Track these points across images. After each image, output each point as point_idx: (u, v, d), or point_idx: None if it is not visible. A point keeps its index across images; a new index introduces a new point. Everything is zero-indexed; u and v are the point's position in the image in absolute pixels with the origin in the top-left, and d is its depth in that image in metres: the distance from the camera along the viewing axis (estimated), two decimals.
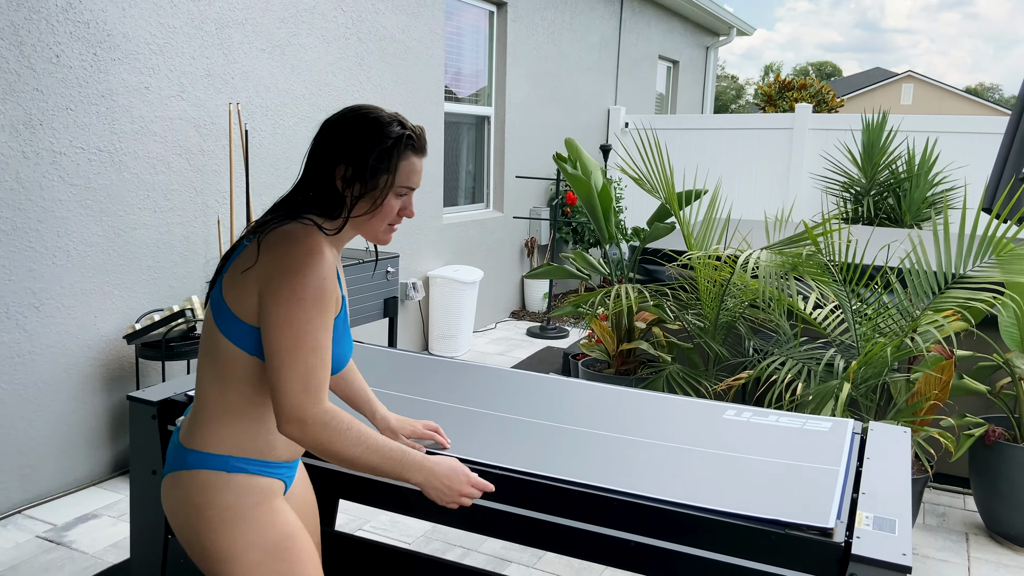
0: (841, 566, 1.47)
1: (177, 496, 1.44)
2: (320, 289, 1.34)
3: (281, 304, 1.33)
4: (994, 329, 3.46)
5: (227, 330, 1.41)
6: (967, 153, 6.85)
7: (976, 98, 33.34)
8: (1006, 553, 3.09)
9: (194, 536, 1.43)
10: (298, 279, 1.33)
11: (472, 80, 6.36)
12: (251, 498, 1.45)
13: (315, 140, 1.46)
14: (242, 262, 1.41)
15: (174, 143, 3.67)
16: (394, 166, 1.43)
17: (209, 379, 1.44)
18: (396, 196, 1.45)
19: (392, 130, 1.43)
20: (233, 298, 1.40)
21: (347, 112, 1.45)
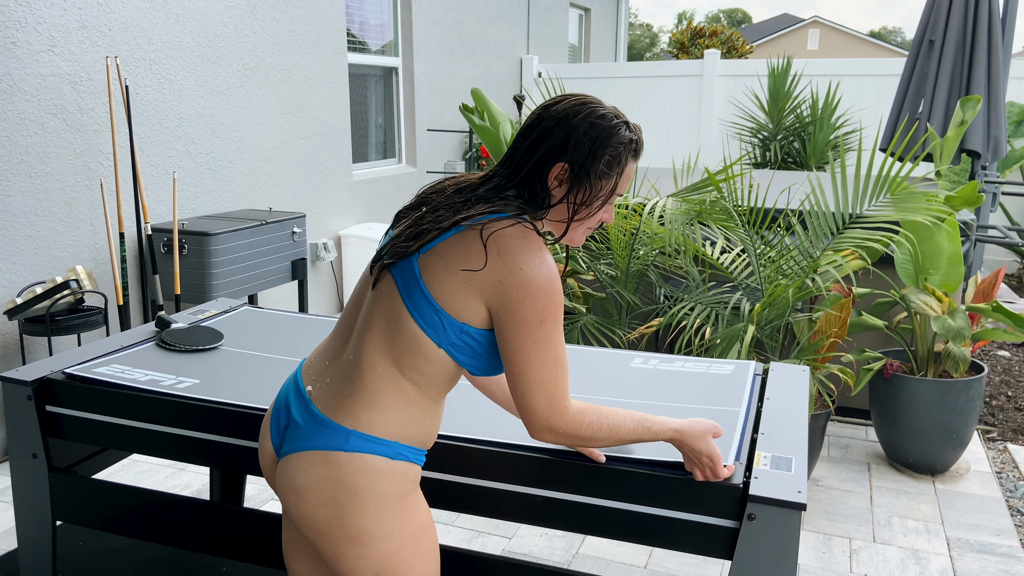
0: (740, 507, 1.49)
1: (328, 475, 1.34)
2: (558, 304, 1.32)
3: (524, 325, 1.30)
4: (891, 267, 3.58)
5: (421, 315, 1.31)
6: (868, 95, 7.04)
7: (879, 42, 34.44)
8: (905, 480, 3.24)
9: (335, 516, 1.34)
10: (541, 300, 1.29)
11: (378, 30, 6.13)
12: (406, 485, 1.38)
13: (535, 129, 1.35)
14: (459, 258, 1.30)
15: (47, 102, 3.40)
16: (619, 173, 1.37)
17: (382, 360, 1.34)
18: (612, 198, 1.40)
19: (623, 135, 1.35)
20: (440, 287, 1.30)
21: (576, 106, 1.35)
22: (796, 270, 2.99)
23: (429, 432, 1.42)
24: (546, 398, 1.33)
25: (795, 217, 3.19)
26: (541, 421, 1.34)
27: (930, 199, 2.84)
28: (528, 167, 1.35)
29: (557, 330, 1.32)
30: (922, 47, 4.82)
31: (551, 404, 1.34)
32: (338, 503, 1.33)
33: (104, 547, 2.59)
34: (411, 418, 1.38)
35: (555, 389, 1.33)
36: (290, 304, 5.11)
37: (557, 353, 1.33)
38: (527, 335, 1.30)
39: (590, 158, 1.33)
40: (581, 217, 1.37)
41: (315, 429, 1.36)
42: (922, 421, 3.16)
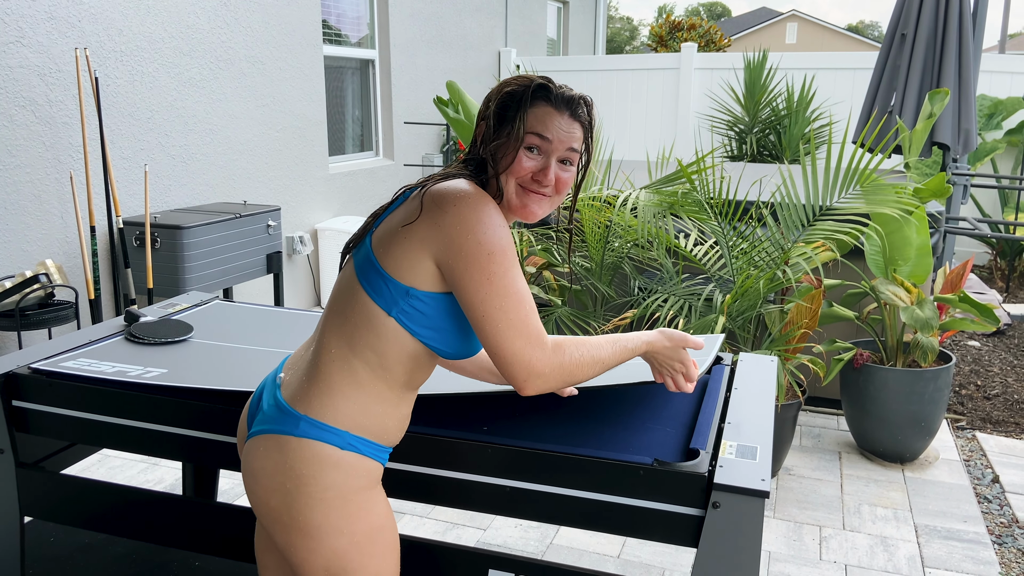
0: (706, 495, 1.50)
1: (278, 460, 1.32)
2: (503, 238, 1.27)
3: (473, 262, 1.25)
4: (861, 258, 3.62)
5: (369, 283, 1.30)
6: (843, 89, 7.10)
7: (856, 36, 34.72)
8: (875, 468, 3.29)
9: (284, 505, 1.33)
10: (484, 232, 1.25)
11: (355, 23, 6.09)
12: (357, 480, 1.35)
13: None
14: (400, 216, 1.31)
15: (15, 94, 3.35)
16: (522, 115, 1.33)
17: (336, 342, 1.33)
18: (527, 151, 1.33)
19: (525, 79, 1.36)
20: (386, 253, 1.29)
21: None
22: (767, 261, 3.02)
23: (385, 426, 1.38)
24: (520, 338, 1.27)
25: (767, 209, 3.22)
26: (524, 366, 1.28)
27: (899, 191, 2.88)
28: (473, 141, 1.40)
29: (512, 267, 1.27)
30: (894, 41, 4.87)
31: (528, 343, 1.27)
32: (287, 491, 1.32)
33: (75, 543, 2.57)
34: (362, 406, 1.34)
35: (526, 327, 1.27)
36: (266, 298, 5.08)
37: (517, 288, 1.27)
38: (478, 271, 1.25)
39: (493, 106, 1.36)
40: (504, 167, 1.33)
41: (274, 413, 1.36)
42: (892, 410, 3.20)
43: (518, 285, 1.27)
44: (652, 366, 1.50)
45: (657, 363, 1.49)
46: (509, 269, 1.26)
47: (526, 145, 1.32)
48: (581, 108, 1.38)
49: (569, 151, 1.35)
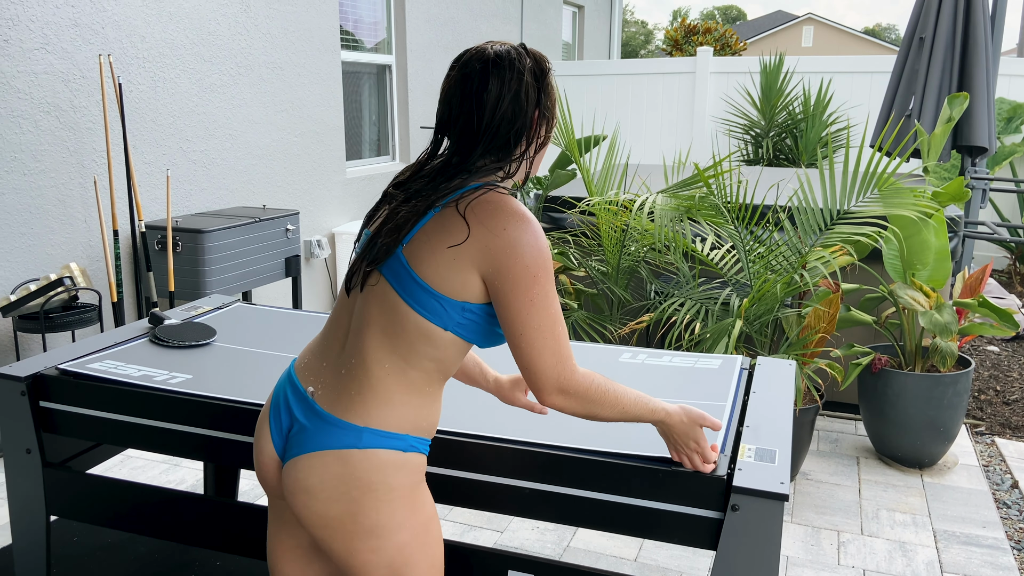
0: (725, 498, 1.51)
1: (342, 473, 1.33)
2: (547, 260, 1.33)
3: (519, 285, 1.30)
4: (879, 262, 3.61)
5: (422, 305, 1.31)
6: (860, 92, 7.07)
7: (873, 39, 34.51)
8: (894, 474, 3.28)
9: (349, 512, 1.34)
10: (531, 256, 1.30)
11: (372, 28, 6.14)
12: (417, 476, 1.41)
13: (487, 94, 1.32)
14: (442, 236, 1.30)
15: (41, 100, 3.41)
16: (555, 90, 1.41)
17: (388, 356, 1.34)
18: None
19: (546, 66, 1.40)
20: (432, 272, 1.30)
21: (493, 64, 1.33)
22: (784, 266, 3.02)
23: (433, 421, 1.43)
24: (552, 356, 1.33)
25: (784, 213, 3.22)
26: (552, 382, 1.33)
27: (917, 195, 2.87)
28: (498, 133, 1.33)
29: (551, 288, 1.33)
30: (912, 44, 4.85)
31: (559, 361, 1.33)
32: (352, 499, 1.33)
33: (98, 542, 2.61)
34: (420, 409, 1.39)
35: (560, 347, 1.33)
36: (284, 301, 5.13)
37: (555, 310, 1.33)
38: (523, 294, 1.30)
39: (543, 96, 1.37)
40: (538, 151, 1.42)
41: (325, 429, 1.35)
42: (910, 415, 3.19)
43: (556, 308, 1.34)
44: (668, 441, 1.51)
45: (672, 438, 1.50)
46: (549, 292, 1.33)
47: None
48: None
49: None
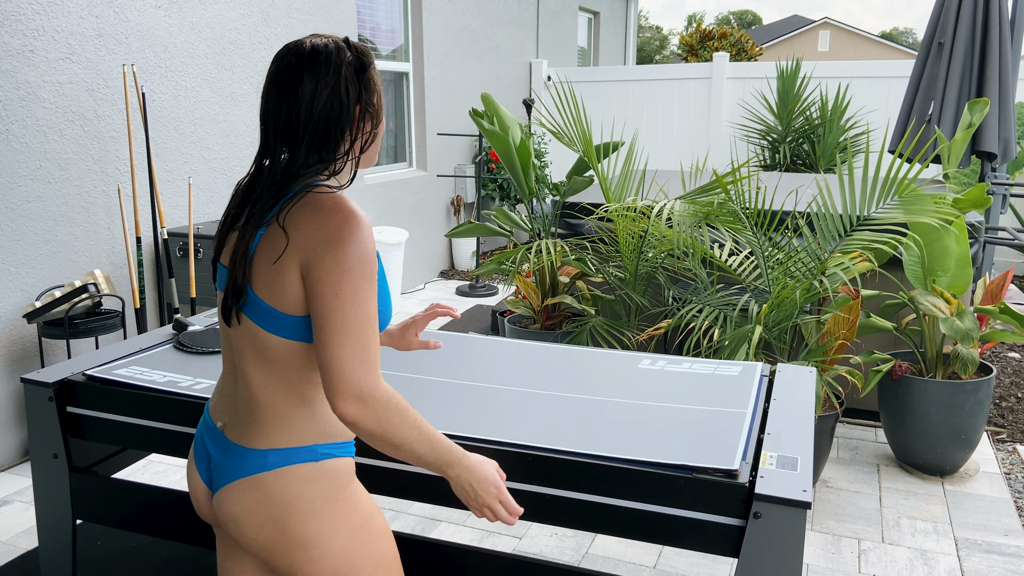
0: (746, 505, 1.51)
1: (259, 497, 1.34)
2: (364, 255, 1.25)
3: (324, 277, 1.23)
4: (899, 269, 3.59)
5: (274, 327, 1.30)
6: (878, 97, 7.04)
7: (890, 43, 34.29)
8: (915, 481, 3.25)
9: (278, 533, 1.34)
10: (339, 249, 1.24)
11: (389, 36, 6.19)
12: (340, 481, 1.39)
13: (309, 100, 1.29)
14: (269, 253, 1.28)
15: (66, 109, 3.46)
16: (378, 84, 1.38)
17: (268, 380, 1.34)
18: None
19: (367, 51, 1.38)
20: (270, 294, 1.28)
21: (316, 56, 1.30)
22: (804, 272, 3.01)
23: (337, 422, 1.41)
24: (355, 357, 1.22)
25: (803, 219, 3.21)
26: (352, 385, 1.22)
27: (938, 201, 2.86)
28: (324, 134, 1.30)
29: (365, 288, 1.25)
30: (931, 49, 4.82)
31: (362, 364, 1.23)
32: (276, 518, 1.33)
33: (122, 545, 2.64)
34: (318, 417, 1.37)
35: (366, 351, 1.23)
36: None
37: (366, 312, 1.24)
38: (329, 287, 1.23)
39: (367, 91, 1.33)
40: (369, 143, 1.37)
41: (236, 459, 1.36)
42: (931, 422, 3.17)
43: (368, 310, 1.25)
44: (464, 490, 1.35)
45: (471, 484, 1.35)
46: (362, 289, 1.24)
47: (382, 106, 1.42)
48: None
49: None
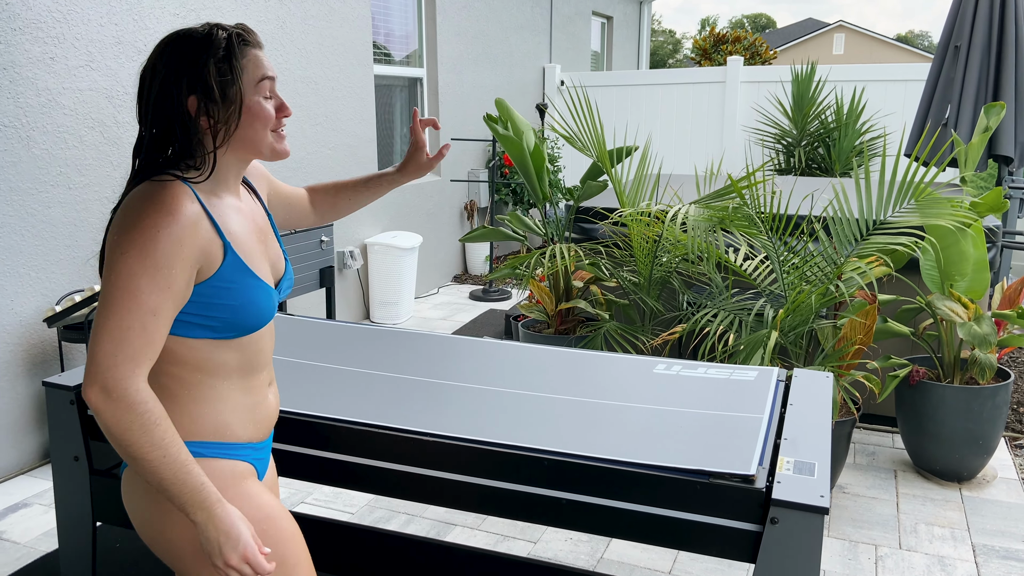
0: (763, 511, 1.51)
1: (131, 491, 1.33)
2: (148, 243, 1.16)
3: (107, 257, 1.19)
4: (916, 273, 3.56)
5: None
6: (894, 101, 7.00)
7: (906, 46, 34.08)
8: (932, 487, 3.23)
9: (156, 532, 1.32)
10: (125, 233, 1.17)
11: (403, 41, 6.22)
12: (218, 483, 1.34)
13: (147, 91, 1.28)
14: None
15: (85, 115, 3.51)
16: (240, 69, 1.29)
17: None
18: (262, 96, 1.31)
19: (219, 37, 1.28)
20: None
21: (162, 47, 1.29)
22: (820, 276, 3.00)
23: (217, 420, 1.33)
24: (112, 345, 1.15)
25: (818, 223, 3.20)
26: (100, 373, 1.15)
27: (955, 205, 2.84)
28: (168, 123, 1.27)
29: (144, 275, 1.17)
30: (947, 53, 4.80)
31: (118, 354, 1.16)
32: (148, 517, 1.33)
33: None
34: (184, 413, 1.31)
35: (125, 340, 1.16)
36: (318, 311, 5.19)
37: (137, 299, 1.16)
38: (108, 267, 1.18)
39: (204, 75, 1.26)
40: (234, 129, 1.29)
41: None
42: (948, 428, 3.14)
43: (137, 300, 1.17)
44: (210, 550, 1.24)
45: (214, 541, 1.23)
46: (134, 277, 1.17)
47: (263, 93, 1.31)
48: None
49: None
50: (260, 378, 1.41)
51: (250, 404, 1.39)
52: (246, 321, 1.32)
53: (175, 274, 1.20)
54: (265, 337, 1.41)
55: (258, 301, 1.33)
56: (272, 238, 1.48)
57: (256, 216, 1.44)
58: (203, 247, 1.24)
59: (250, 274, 1.32)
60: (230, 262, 1.29)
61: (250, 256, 1.34)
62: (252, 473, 1.39)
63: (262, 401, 1.42)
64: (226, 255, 1.29)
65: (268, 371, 1.45)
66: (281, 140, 1.36)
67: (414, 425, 1.79)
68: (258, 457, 1.42)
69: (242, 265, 1.31)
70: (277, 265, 1.47)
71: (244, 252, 1.33)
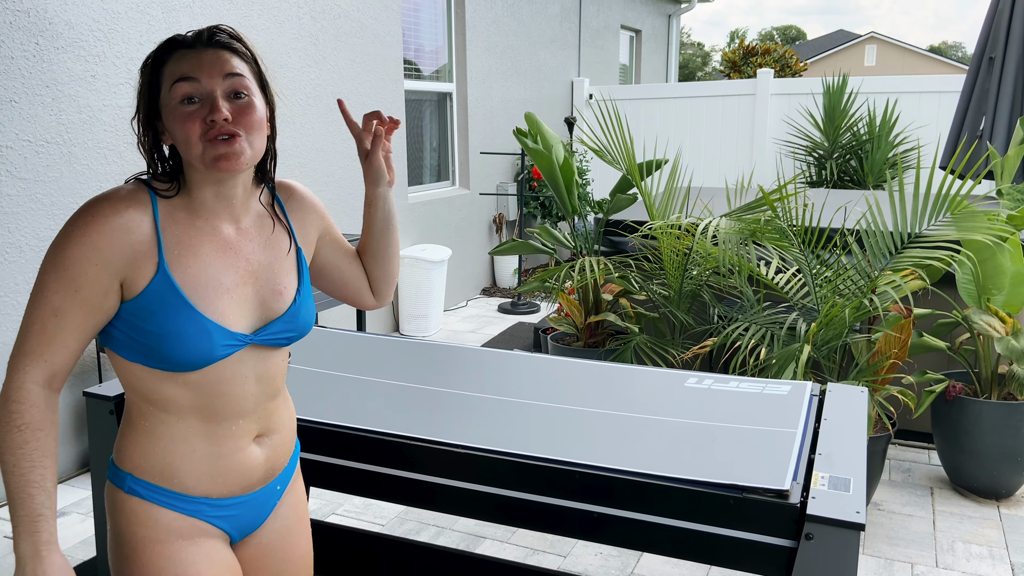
0: (797, 526, 1.50)
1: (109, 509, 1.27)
2: (64, 240, 1.14)
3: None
4: (952, 287, 3.51)
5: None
6: (927, 112, 6.92)
7: (939, 57, 33.65)
8: (970, 505, 3.17)
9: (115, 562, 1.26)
10: (52, 245, 1.16)
11: (433, 56, 6.29)
12: (144, 531, 1.22)
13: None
14: None
15: (125, 132, 3.59)
16: (154, 79, 1.20)
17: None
18: (182, 102, 1.17)
19: (159, 53, 1.21)
20: None
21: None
22: (853, 290, 2.97)
23: (165, 465, 1.23)
24: (18, 336, 1.15)
25: (851, 236, 3.17)
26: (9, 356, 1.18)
27: (991, 218, 2.80)
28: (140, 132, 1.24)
29: (55, 280, 1.14)
30: (982, 64, 4.74)
31: (17, 345, 1.15)
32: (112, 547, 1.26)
33: None
34: (136, 446, 1.23)
35: (26, 335, 1.14)
36: (348, 323, 5.24)
37: (43, 300, 1.14)
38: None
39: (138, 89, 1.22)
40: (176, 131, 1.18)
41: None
42: (986, 444, 3.08)
43: (43, 300, 1.14)
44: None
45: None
46: (45, 283, 1.14)
47: (181, 96, 1.17)
48: (219, 35, 1.22)
49: (230, 79, 1.19)
50: (234, 428, 1.26)
51: (212, 454, 1.25)
52: (171, 355, 1.18)
53: (85, 279, 1.14)
54: (229, 381, 1.24)
55: (186, 336, 1.18)
56: (274, 279, 1.31)
57: (255, 252, 1.29)
58: (129, 258, 1.16)
59: (184, 304, 1.18)
60: (159, 283, 1.18)
61: (202, 287, 1.21)
62: (200, 533, 1.25)
63: (234, 454, 1.27)
64: (156, 275, 1.18)
65: (250, 421, 1.29)
66: (215, 147, 1.16)
67: (445, 437, 1.81)
68: (224, 515, 1.28)
69: (175, 290, 1.18)
70: (267, 309, 1.29)
71: (192, 280, 1.20)
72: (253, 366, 1.27)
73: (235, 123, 1.18)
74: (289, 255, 1.35)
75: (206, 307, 1.21)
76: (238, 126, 1.18)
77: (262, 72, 1.26)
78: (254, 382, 1.28)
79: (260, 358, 1.28)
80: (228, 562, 1.29)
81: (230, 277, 1.25)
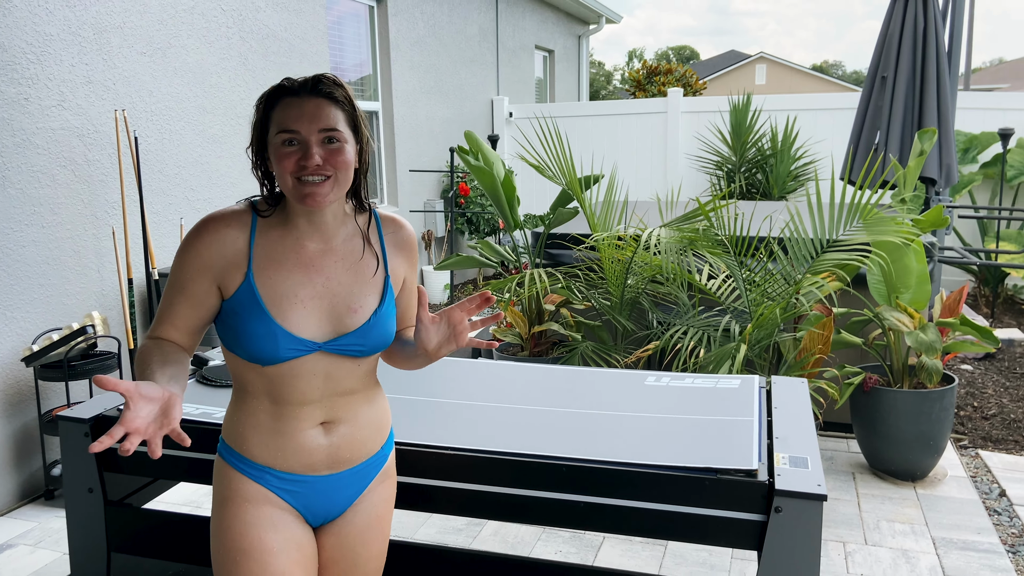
0: (767, 501, 1.66)
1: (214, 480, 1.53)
2: (177, 255, 1.41)
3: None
4: (864, 287, 3.83)
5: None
6: (823, 128, 7.43)
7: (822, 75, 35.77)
8: (889, 487, 3.46)
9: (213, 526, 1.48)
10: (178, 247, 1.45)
11: (358, 75, 6.33)
12: (221, 488, 1.45)
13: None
14: None
15: (58, 155, 3.51)
16: (264, 118, 1.40)
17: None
18: (283, 144, 1.36)
19: (274, 86, 1.41)
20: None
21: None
22: (781, 292, 3.22)
23: (240, 431, 1.44)
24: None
25: (776, 244, 3.43)
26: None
27: (898, 223, 3.10)
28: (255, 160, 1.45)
29: (177, 271, 1.41)
30: (875, 83, 5.17)
31: (157, 316, 1.44)
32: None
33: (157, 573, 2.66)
34: (234, 413, 1.47)
35: (161, 306, 1.44)
36: None
37: (171, 283, 1.42)
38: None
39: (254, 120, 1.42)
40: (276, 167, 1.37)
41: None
42: (901, 430, 3.38)
43: (173, 283, 1.42)
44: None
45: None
46: (173, 271, 1.42)
47: (282, 140, 1.36)
48: (323, 84, 1.40)
49: (325, 131, 1.37)
50: (298, 412, 1.42)
51: (276, 429, 1.42)
52: (247, 349, 1.38)
53: (189, 279, 1.40)
54: (297, 376, 1.40)
55: (257, 336, 1.36)
56: (352, 297, 1.44)
57: (337, 271, 1.44)
58: (223, 267, 1.40)
59: (260, 309, 1.37)
60: (245, 289, 1.39)
61: (279, 297, 1.39)
62: (265, 500, 1.42)
63: (296, 434, 1.42)
64: (243, 282, 1.39)
65: (316, 409, 1.43)
66: (303, 189, 1.35)
67: (434, 441, 1.90)
68: (288, 489, 1.44)
69: (255, 297, 1.38)
70: (340, 323, 1.43)
71: (272, 290, 1.39)
72: (324, 367, 1.44)
73: (325, 164, 1.37)
74: (375, 278, 1.49)
75: (278, 314, 1.40)
76: (331, 168, 1.38)
77: (356, 115, 1.45)
78: (322, 379, 1.44)
79: (331, 362, 1.43)
80: (296, 537, 1.44)
81: (306, 290, 1.42)
